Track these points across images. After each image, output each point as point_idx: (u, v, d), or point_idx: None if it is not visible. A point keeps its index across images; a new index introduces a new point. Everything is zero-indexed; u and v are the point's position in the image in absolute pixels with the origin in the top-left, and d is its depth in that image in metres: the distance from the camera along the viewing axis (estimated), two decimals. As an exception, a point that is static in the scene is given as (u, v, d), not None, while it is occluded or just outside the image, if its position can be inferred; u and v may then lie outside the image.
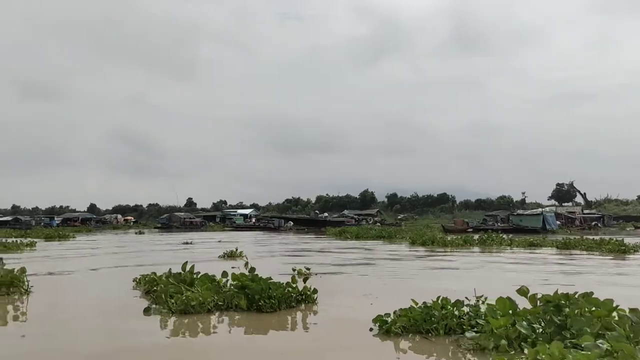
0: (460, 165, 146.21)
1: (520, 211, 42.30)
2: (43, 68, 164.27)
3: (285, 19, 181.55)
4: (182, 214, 70.85)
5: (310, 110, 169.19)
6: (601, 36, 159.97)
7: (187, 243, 25.93)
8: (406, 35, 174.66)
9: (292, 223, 57.46)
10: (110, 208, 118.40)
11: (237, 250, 16.58)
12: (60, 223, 70.62)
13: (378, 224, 66.17)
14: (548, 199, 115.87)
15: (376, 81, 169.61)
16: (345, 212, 77.88)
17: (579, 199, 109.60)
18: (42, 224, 67.54)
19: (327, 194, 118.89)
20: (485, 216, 60.52)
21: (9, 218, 72.68)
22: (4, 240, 23.97)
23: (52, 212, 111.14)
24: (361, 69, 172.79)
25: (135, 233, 44.04)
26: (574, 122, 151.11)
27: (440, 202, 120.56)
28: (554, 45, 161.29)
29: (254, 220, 68.51)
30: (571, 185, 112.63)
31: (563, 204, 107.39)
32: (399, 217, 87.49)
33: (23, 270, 8.81)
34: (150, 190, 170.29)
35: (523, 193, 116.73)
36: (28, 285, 8.69)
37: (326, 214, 70.43)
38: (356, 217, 68.02)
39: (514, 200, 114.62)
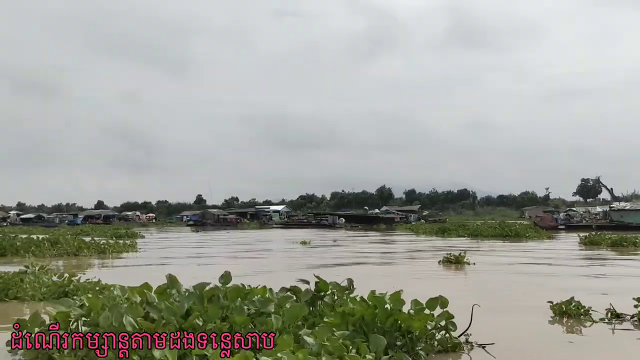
0: (463, 164, 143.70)
1: (618, 206, 38.25)
2: (38, 65, 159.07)
3: (281, 14, 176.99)
4: (216, 210, 66.85)
5: (308, 106, 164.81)
6: (601, 31, 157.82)
7: (303, 243, 21.94)
8: (404, 30, 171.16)
9: (343, 220, 53.66)
10: (118, 205, 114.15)
11: (462, 255, 12.51)
12: (82, 221, 66.56)
13: (422, 220, 63.18)
14: (573, 195, 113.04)
15: (374, 77, 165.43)
16: (385, 208, 74.44)
17: (604, 194, 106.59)
18: (67, 221, 63.65)
19: (342, 190, 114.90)
20: (543, 212, 57.37)
21: (31, 215, 68.52)
22: (101, 240, 19.44)
23: (59, 209, 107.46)
24: (358, 65, 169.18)
25: (192, 231, 39.97)
26: (584, 120, 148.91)
27: (461, 199, 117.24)
28: (552, 41, 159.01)
29: (285, 217, 65.60)
30: (597, 180, 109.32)
31: (588, 200, 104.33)
32: (424, 213, 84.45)
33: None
34: (151, 188, 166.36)
35: (547, 189, 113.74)
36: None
37: (377, 210, 66.73)
38: (400, 213, 64.84)
39: (538, 196, 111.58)
